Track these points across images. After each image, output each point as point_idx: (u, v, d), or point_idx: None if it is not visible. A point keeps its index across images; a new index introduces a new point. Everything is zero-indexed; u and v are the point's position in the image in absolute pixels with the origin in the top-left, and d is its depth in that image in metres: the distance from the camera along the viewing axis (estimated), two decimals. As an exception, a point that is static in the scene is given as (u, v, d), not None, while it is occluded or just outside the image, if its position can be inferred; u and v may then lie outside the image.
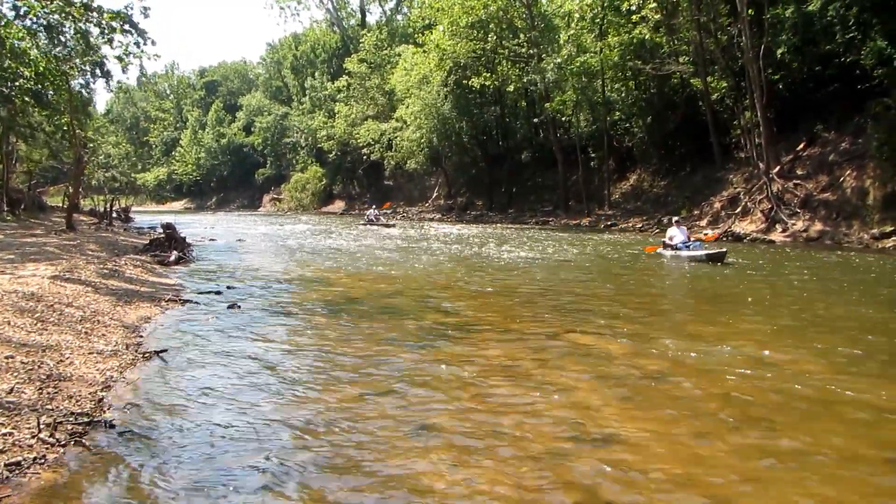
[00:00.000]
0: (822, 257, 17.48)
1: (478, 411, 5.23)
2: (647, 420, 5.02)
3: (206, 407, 5.30)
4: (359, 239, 25.78)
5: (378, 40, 58.23)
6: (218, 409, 5.25)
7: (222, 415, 5.10)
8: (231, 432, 4.75)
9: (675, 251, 17.03)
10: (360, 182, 65.64)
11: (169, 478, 4.04)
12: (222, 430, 4.79)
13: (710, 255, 15.85)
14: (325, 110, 64.16)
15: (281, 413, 5.17)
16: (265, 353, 7.01)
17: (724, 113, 30.74)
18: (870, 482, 3.94)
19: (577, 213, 37.14)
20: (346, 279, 13.53)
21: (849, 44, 22.78)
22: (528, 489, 3.92)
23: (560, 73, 34.82)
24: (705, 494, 3.83)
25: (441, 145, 46.65)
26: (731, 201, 27.41)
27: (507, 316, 9.38)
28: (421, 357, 6.90)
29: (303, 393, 5.73)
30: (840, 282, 12.62)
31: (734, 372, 6.23)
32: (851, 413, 5.08)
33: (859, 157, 22.98)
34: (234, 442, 4.58)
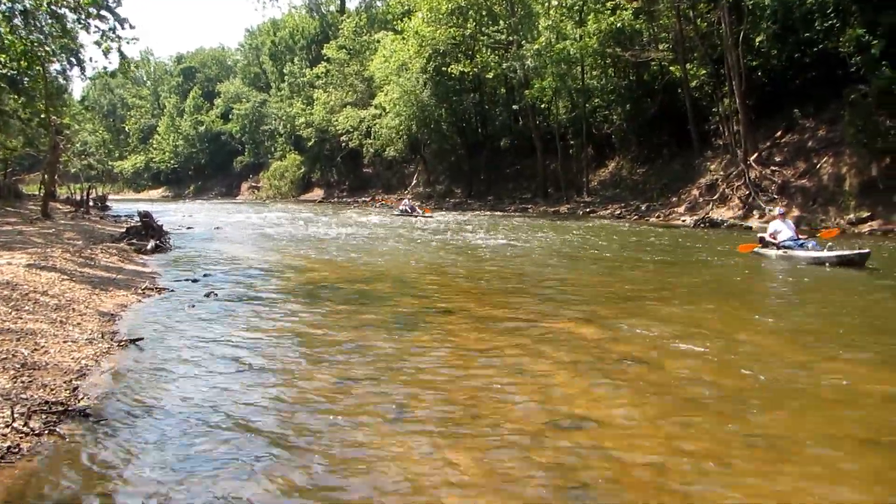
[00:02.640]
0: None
1: (454, 396, 5.23)
2: (622, 404, 5.05)
3: (182, 394, 5.24)
4: (335, 226, 25.65)
5: (357, 27, 57.72)
6: (193, 396, 5.19)
7: (198, 402, 5.05)
8: (206, 419, 4.70)
9: (785, 250, 13.80)
10: (338, 170, 65.21)
11: (144, 466, 3.99)
12: (197, 417, 4.75)
13: (845, 257, 12.34)
14: (303, 97, 63.55)
15: (257, 400, 5.13)
16: (241, 341, 6.94)
17: (702, 100, 30.93)
18: (842, 465, 3.99)
19: (555, 200, 37.22)
20: (324, 266, 13.45)
21: (828, 31, 22.96)
22: (504, 473, 3.93)
23: (539, 60, 34.74)
24: (679, 477, 3.85)
25: (420, 133, 46.47)
26: (708, 188, 27.64)
27: (484, 302, 9.37)
28: (398, 342, 6.87)
29: (279, 380, 5.68)
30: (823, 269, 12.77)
31: (709, 356, 6.28)
32: (824, 395, 5.13)
33: (836, 144, 23.25)
34: (209, 428, 4.54)
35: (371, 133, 50.03)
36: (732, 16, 25.54)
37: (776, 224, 14.54)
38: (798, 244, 13.74)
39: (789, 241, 13.89)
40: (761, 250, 14.41)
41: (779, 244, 13.99)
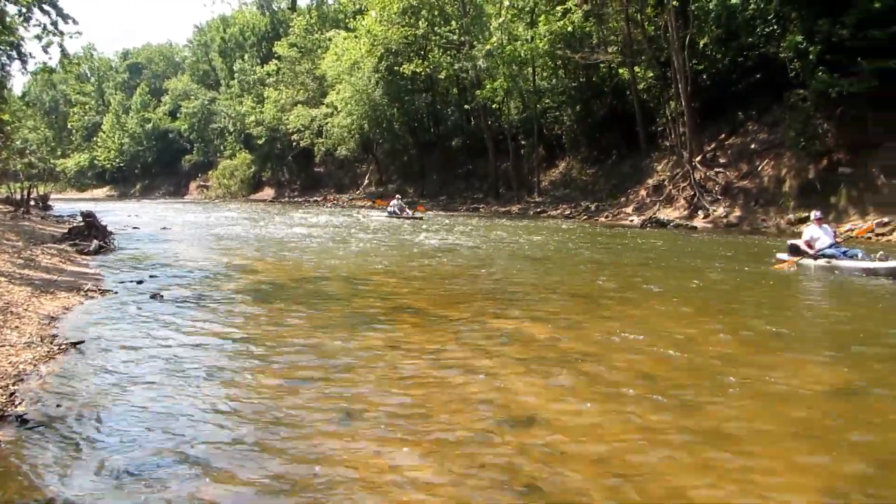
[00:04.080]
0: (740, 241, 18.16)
1: (404, 396, 5.24)
2: (571, 401, 5.12)
3: (124, 399, 5.13)
4: (287, 227, 25.38)
5: (308, 24, 57.16)
6: (136, 400, 5.09)
7: (140, 406, 4.95)
8: (149, 423, 4.61)
9: (826, 260, 11.96)
10: (289, 169, 64.51)
11: (82, 471, 3.90)
12: (140, 421, 4.65)
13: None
14: (254, 95, 62.62)
15: (202, 402, 5.05)
16: (187, 343, 6.82)
17: (650, 102, 31.54)
18: (779, 455, 4.12)
19: (507, 200, 37.49)
20: (274, 267, 13.31)
21: (769, 37, 23.71)
22: (453, 471, 3.95)
23: (491, 61, 34.97)
24: (624, 471, 3.93)
25: (372, 132, 46.31)
26: (655, 189, 28.20)
27: (435, 302, 9.40)
28: (347, 343, 6.85)
29: (226, 381, 5.61)
30: (756, 266, 13.15)
31: (654, 352, 6.41)
32: (762, 390, 5.29)
33: (777, 146, 23.99)
34: (152, 433, 4.45)
35: (323, 132, 49.61)
36: (679, 20, 26.11)
37: (812, 230, 12.54)
38: (842, 252, 11.94)
39: (830, 250, 12.05)
40: (802, 261, 12.35)
41: (816, 253, 12.11)
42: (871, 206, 19.68)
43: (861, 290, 10.05)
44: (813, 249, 12.17)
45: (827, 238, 12.33)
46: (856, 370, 5.84)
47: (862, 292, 9.84)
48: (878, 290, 9.88)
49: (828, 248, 12.08)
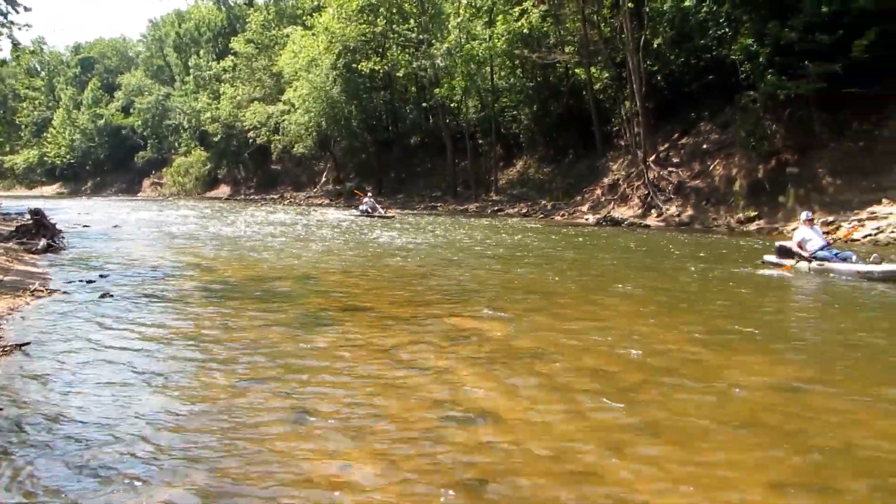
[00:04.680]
0: (694, 239, 18.54)
1: (357, 395, 5.24)
2: (522, 398, 5.18)
3: (71, 402, 5.01)
4: (244, 225, 25.07)
5: (266, 20, 56.50)
6: (84, 403, 4.98)
7: (89, 409, 4.84)
8: (98, 427, 4.52)
9: (819, 263, 11.54)
10: (245, 166, 63.71)
11: (27, 478, 3.80)
12: (88, 425, 4.55)
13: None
14: (209, 91, 61.67)
15: (153, 405, 4.96)
16: (138, 344, 6.70)
17: (606, 102, 31.97)
18: (722, 450, 4.23)
19: (465, 198, 37.63)
20: (228, 265, 13.14)
21: (721, 39, 24.22)
22: (405, 470, 3.96)
23: (449, 60, 35.05)
24: (576, 468, 3.99)
25: (330, 129, 45.99)
26: (610, 187, 28.60)
27: (389, 300, 9.41)
28: (301, 342, 6.80)
29: (177, 383, 5.52)
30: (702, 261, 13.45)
31: (608, 350, 6.52)
32: (708, 386, 5.41)
33: (728, 146, 24.55)
34: (100, 437, 4.36)
35: (280, 129, 49.10)
36: (634, 21, 26.52)
37: (803, 231, 12.18)
38: (834, 255, 11.58)
39: (823, 252, 11.67)
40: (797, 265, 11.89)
41: (810, 255, 11.72)
42: (817, 206, 20.26)
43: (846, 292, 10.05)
44: (806, 252, 11.77)
45: (819, 239, 11.99)
46: (805, 367, 6.02)
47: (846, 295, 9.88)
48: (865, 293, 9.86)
49: (820, 249, 11.71)
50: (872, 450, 4.13)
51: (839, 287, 10.43)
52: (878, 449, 4.15)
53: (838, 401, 5.03)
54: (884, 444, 4.20)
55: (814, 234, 12.06)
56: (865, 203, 18.92)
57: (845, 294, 9.88)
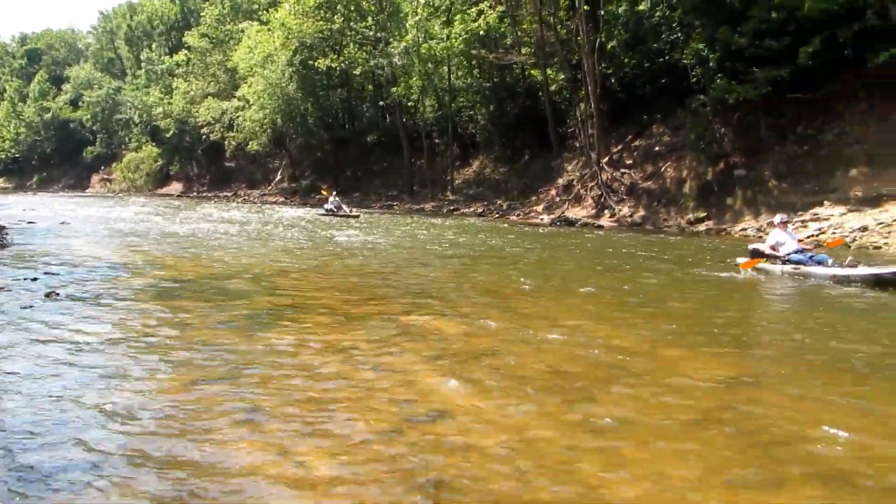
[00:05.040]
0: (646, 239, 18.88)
1: (312, 393, 5.19)
2: (479, 396, 5.19)
3: (11, 406, 4.83)
4: (196, 222, 24.64)
5: (221, 15, 55.55)
6: (25, 407, 4.80)
7: (29, 413, 4.67)
8: (41, 429, 4.36)
9: (794, 266, 11.45)
10: (199, 163, 62.63)
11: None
12: (31, 427, 4.40)
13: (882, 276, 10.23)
14: (162, 86, 60.41)
15: (100, 406, 4.81)
16: (83, 344, 6.52)
17: (561, 104, 32.32)
18: (677, 447, 4.32)
19: (421, 197, 37.65)
20: (179, 263, 12.89)
21: (673, 43, 24.71)
22: (359, 470, 3.94)
23: (407, 59, 35.03)
24: (531, 464, 4.02)
25: (285, 126, 45.49)
26: (565, 188, 28.95)
27: (345, 299, 9.35)
28: (254, 341, 6.71)
29: (126, 383, 5.39)
30: (653, 261, 13.72)
31: (562, 347, 6.59)
32: (665, 384, 5.52)
33: (679, 149, 25.07)
34: (41, 442, 4.21)
35: (234, 126, 48.38)
36: (589, 24, 26.86)
37: (777, 234, 12.06)
38: (809, 258, 11.45)
39: (797, 255, 11.57)
40: (764, 265, 11.96)
41: (784, 258, 11.66)
42: (763, 207, 20.84)
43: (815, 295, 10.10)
44: (779, 253, 11.70)
45: (793, 242, 11.85)
46: (760, 366, 6.19)
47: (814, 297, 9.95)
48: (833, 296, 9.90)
49: (794, 252, 11.60)
50: (821, 444, 4.26)
51: (809, 290, 10.51)
52: (826, 444, 4.29)
53: (790, 398, 5.17)
54: (831, 439, 4.34)
55: (787, 237, 11.94)
56: (809, 205, 19.53)
57: (813, 296, 10.04)
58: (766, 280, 11.50)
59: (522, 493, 3.70)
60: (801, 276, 11.19)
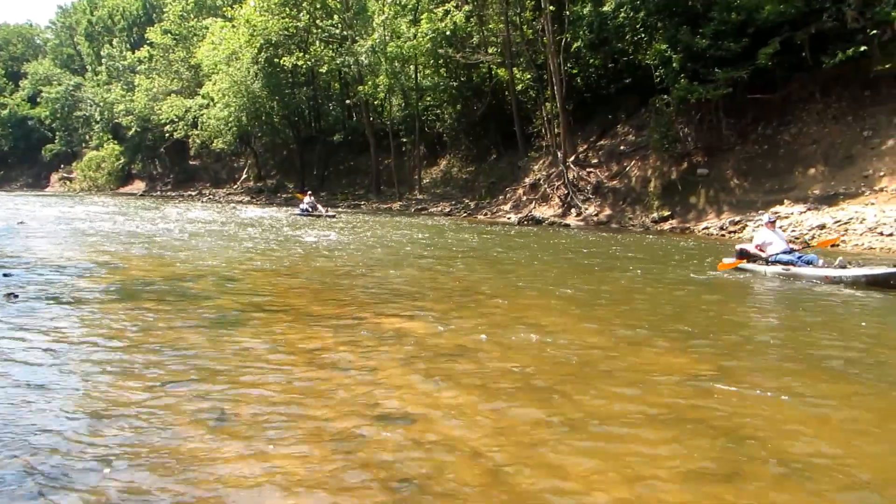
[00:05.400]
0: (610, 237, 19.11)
1: (278, 396, 5.17)
2: (447, 396, 5.22)
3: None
4: (160, 222, 24.27)
5: (184, 10, 54.75)
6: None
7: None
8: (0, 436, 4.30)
9: (783, 267, 11.13)
10: (162, 161, 61.72)
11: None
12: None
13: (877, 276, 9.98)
14: (123, 83, 59.32)
15: (62, 411, 4.73)
16: (43, 346, 6.39)
17: (527, 103, 32.55)
18: (640, 443, 4.41)
19: (388, 197, 37.60)
20: (143, 264, 12.70)
21: (637, 44, 25.05)
22: (327, 472, 3.94)
23: (373, 57, 34.92)
24: (499, 463, 4.06)
25: (251, 125, 45.01)
26: (532, 187, 29.15)
27: (311, 299, 9.31)
28: (220, 343, 6.65)
29: (89, 387, 5.30)
30: (622, 260, 13.90)
31: (530, 346, 6.65)
32: (635, 381, 5.61)
33: (643, 148, 25.43)
34: (2, 446, 4.15)
35: (198, 124, 47.73)
36: (554, 24, 27.08)
37: (764, 233, 11.73)
38: (798, 258, 11.13)
39: (786, 255, 11.26)
40: (747, 265, 11.68)
41: (769, 258, 11.40)
42: (725, 206, 21.26)
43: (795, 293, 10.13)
44: (765, 253, 11.43)
45: (781, 242, 11.50)
46: (723, 361, 6.30)
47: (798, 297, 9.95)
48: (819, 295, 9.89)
49: (782, 253, 11.29)
50: (788, 440, 4.39)
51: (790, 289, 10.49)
52: (786, 437, 4.41)
53: (760, 394, 5.29)
54: (797, 435, 4.48)
55: (775, 237, 11.59)
56: (769, 203, 19.96)
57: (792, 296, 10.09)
58: (749, 280, 11.28)
59: (496, 491, 3.74)
60: (790, 277, 10.91)
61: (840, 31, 19.72)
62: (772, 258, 11.33)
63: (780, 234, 11.96)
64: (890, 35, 19.30)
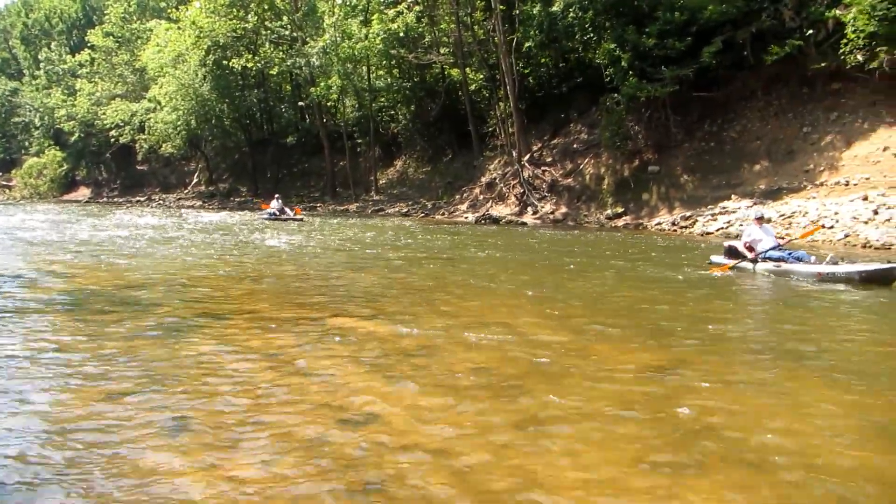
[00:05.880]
0: (565, 235, 19.32)
1: (238, 400, 5.07)
2: (407, 396, 5.19)
3: None
4: (106, 229, 23.64)
5: (126, 13, 53.44)
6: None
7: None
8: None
9: (774, 264, 10.94)
10: (107, 167, 60.14)
11: None
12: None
13: (873, 272, 9.81)
14: (64, 87, 57.59)
15: (10, 426, 4.53)
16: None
17: (481, 103, 32.73)
18: (606, 434, 4.46)
19: (344, 199, 37.37)
20: (92, 273, 12.32)
21: (587, 43, 25.39)
22: (288, 477, 3.88)
23: (325, 58, 34.63)
24: (462, 461, 4.06)
25: (200, 128, 44.18)
26: (488, 186, 29.31)
27: (273, 303, 9.18)
28: (175, 350, 6.49)
29: (36, 399, 5.08)
30: (575, 257, 14.06)
31: (490, 345, 6.67)
32: (594, 376, 5.66)
33: (596, 146, 25.80)
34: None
35: (145, 128, 46.65)
36: (505, 24, 27.27)
37: (752, 230, 11.57)
38: (790, 255, 10.91)
39: (775, 252, 11.08)
40: (742, 265, 11.38)
41: (757, 255, 11.20)
42: (677, 202, 21.70)
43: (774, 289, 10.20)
44: (753, 252, 11.27)
45: (770, 239, 11.34)
46: (674, 353, 6.42)
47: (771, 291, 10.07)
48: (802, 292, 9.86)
49: (771, 249, 11.13)
50: (743, 431, 4.48)
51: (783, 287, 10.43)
52: (738, 428, 4.52)
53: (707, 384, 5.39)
54: (742, 422, 4.59)
55: (764, 234, 11.42)
56: (718, 199, 20.47)
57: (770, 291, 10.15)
58: (737, 278, 11.06)
59: (462, 492, 3.73)
60: (780, 275, 10.74)
61: (778, 31, 20.36)
62: (761, 255, 11.14)
63: (769, 230, 11.86)
64: (825, 34, 19.99)
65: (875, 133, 18.67)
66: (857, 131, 19.11)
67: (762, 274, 10.99)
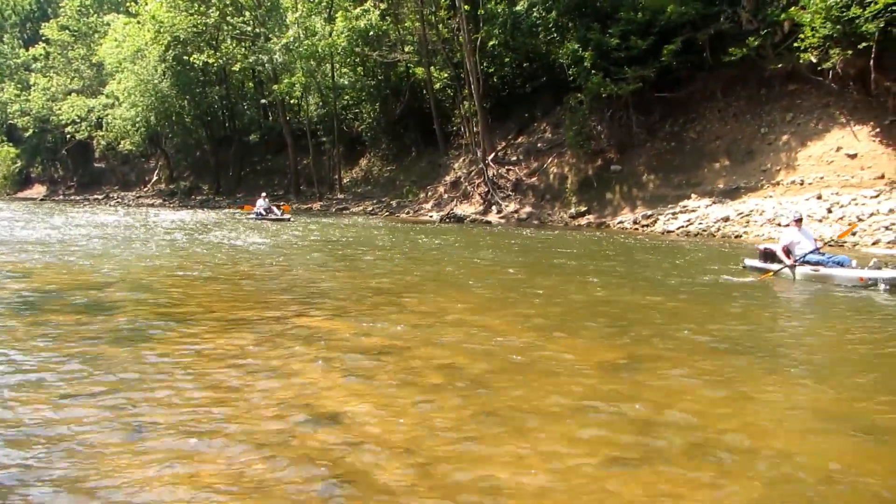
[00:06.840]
0: (529, 234, 19.45)
1: (200, 403, 4.99)
2: (373, 395, 5.18)
3: None
4: (63, 228, 23.09)
5: (82, 6, 52.21)
6: None
7: None
8: None
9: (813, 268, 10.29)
10: (64, 164, 58.79)
11: None
12: None
13: None
14: (17, 81, 56.08)
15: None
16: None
17: (446, 102, 32.77)
18: (565, 430, 4.51)
19: (308, 197, 37.10)
20: (47, 273, 12.01)
21: (550, 43, 25.59)
22: (254, 479, 3.84)
23: (288, 55, 34.30)
24: (430, 459, 4.06)
25: (160, 125, 43.47)
26: (453, 185, 29.37)
27: (232, 304, 9.06)
28: (137, 352, 6.35)
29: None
30: (541, 256, 14.17)
31: (454, 343, 6.69)
32: (551, 370, 5.73)
33: (560, 145, 26.02)
34: None
35: (103, 124, 45.68)
36: (470, 24, 27.33)
37: (791, 233, 10.75)
38: (829, 259, 10.34)
39: (814, 255, 10.43)
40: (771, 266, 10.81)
41: (796, 260, 10.45)
42: (639, 201, 22.00)
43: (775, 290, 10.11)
44: (791, 258, 10.53)
45: (809, 243, 10.62)
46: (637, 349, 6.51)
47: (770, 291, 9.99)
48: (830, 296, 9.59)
49: (811, 253, 10.46)
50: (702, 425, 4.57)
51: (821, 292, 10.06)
52: (698, 417, 4.61)
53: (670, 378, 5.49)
54: (702, 413, 4.68)
55: (803, 237, 10.68)
56: (679, 198, 20.81)
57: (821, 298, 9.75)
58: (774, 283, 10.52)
59: (427, 486, 3.74)
60: (819, 280, 10.16)
61: (736, 33, 20.81)
62: (799, 259, 10.46)
63: (809, 233, 11.11)
64: (781, 36, 20.47)
65: (829, 133, 19.17)
66: (811, 132, 19.60)
67: (800, 278, 10.44)
